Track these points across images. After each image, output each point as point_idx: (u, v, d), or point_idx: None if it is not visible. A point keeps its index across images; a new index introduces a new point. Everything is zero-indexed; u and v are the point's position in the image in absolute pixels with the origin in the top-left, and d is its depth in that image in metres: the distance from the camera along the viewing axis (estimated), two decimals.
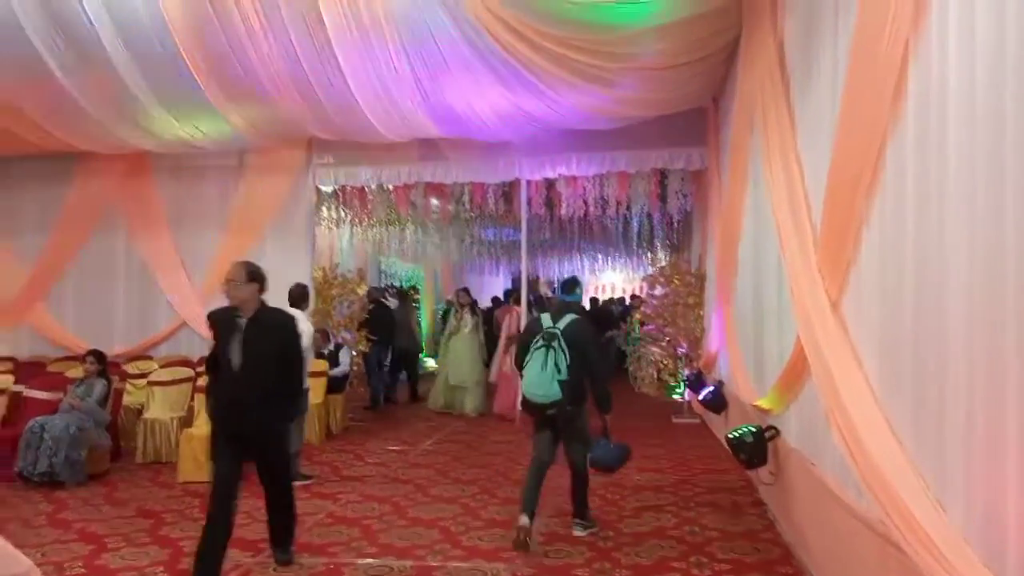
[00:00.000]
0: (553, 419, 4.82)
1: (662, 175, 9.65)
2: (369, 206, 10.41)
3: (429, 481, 6.70)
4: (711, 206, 8.53)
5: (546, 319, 4.97)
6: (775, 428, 4.76)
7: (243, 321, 4.27)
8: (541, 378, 4.73)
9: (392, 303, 17.78)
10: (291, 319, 4.57)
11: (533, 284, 24.57)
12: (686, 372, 9.60)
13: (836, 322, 3.31)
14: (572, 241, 15.14)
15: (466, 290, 10.94)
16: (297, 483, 6.51)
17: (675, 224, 10.84)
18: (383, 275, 17.27)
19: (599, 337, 4.97)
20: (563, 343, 4.74)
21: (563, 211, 9.80)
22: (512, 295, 10.68)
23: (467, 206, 10.11)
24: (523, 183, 9.68)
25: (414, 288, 18.63)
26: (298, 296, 7.22)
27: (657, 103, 7.82)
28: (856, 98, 2.96)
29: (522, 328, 9.77)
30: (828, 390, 3.23)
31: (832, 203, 3.30)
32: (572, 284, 5.35)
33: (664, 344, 10.07)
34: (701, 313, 9.54)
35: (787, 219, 4.06)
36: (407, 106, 8.03)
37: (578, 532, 4.93)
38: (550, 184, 9.77)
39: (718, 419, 7.97)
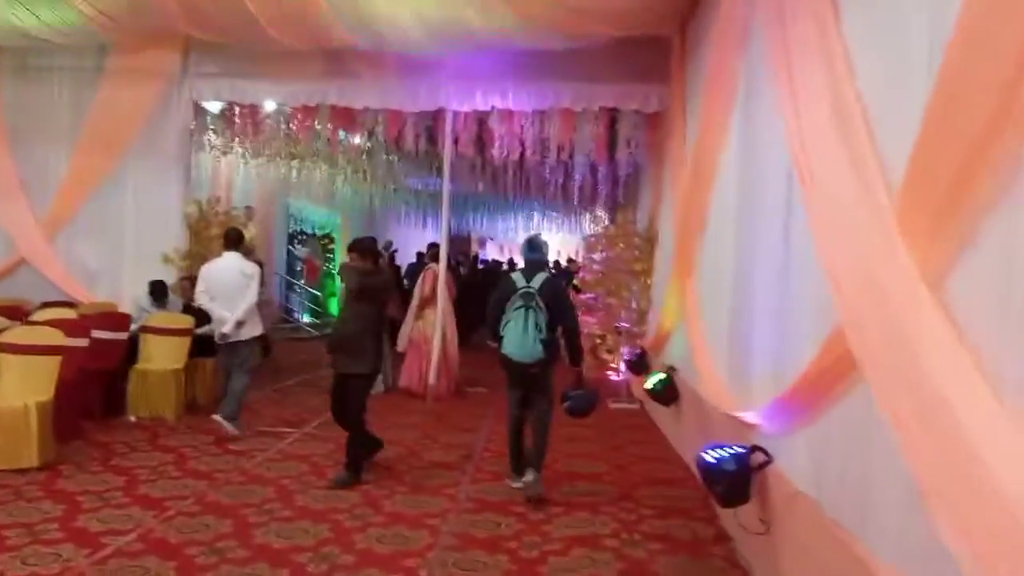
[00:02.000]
0: (531, 377, 5.00)
1: (612, 121, 8.19)
2: (263, 131, 8.60)
3: (299, 483, 5.16)
4: (670, 155, 7.11)
5: (518, 278, 5.02)
6: (763, 451, 3.40)
7: None
8: (524, 339, 4.87)
9: (301, 252, 16.00)
10: None
11: (462, 242, 22.95)
12: (626, 351, 8.28)
13: (939, 313, 1.90)
14: (505, 194, 13.53)
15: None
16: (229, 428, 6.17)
17: (622, 179, 9.41)
18: (292, 219, 15.39)
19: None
20: (539, 302, 4.86)
21: (495, 153, 8.23)
22: (431, 252, 9.09)
23: (381, 139, 8.43)
24: (449, 114, 8.05)
25: (328, 237, 16.80)
26: (235, 239, 6.72)
27: (616, 15, 6.27)
28: None
29: (438, 290, 8.29)
30: (917, 426, 1.84)
31: (943, 107, 1.87)
32: (538, 242, 5.26)
33: (602, 316, 8.71)
34: (649, 282, 8.20)
35: (826, 146, 2.63)
36: None
37: (528, 477, 4.93)
38: (481, 120, 8.18)
39: (664, 409, 6.66)
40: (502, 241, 23.32)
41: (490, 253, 22.84)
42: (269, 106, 8.31)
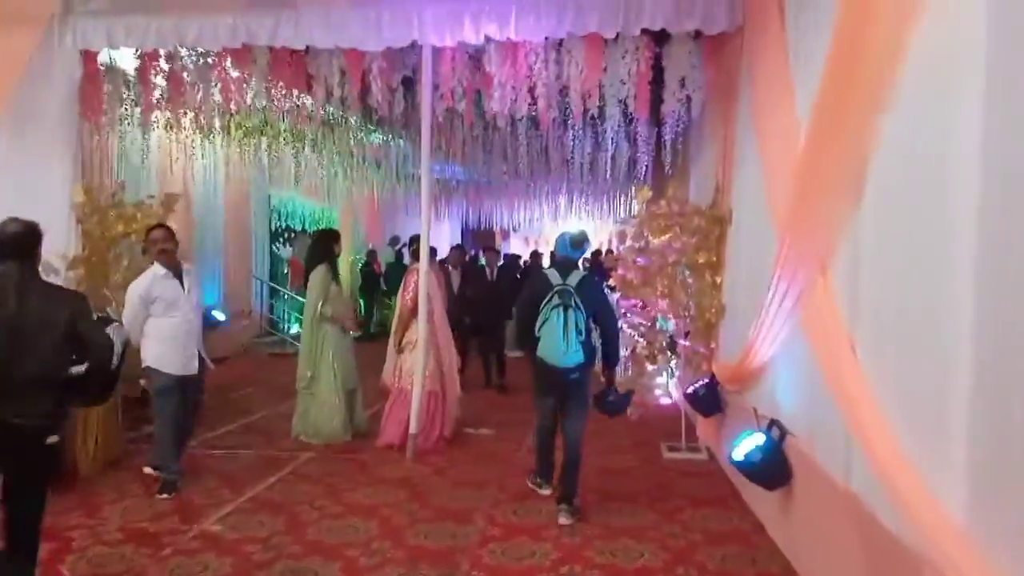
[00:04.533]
0: (568, 384, 4.63)
1: (657, 56, 5.74)
2: (184, 88, 6.33)
3: None
4: (758, 90, 4.69)
5: (553, 276, 4.66)
6: None
7: None
8: (565, 341, 4.51)
9: (285, 253, 13.76)
10: None
11: (480, 236, 20.54)
12: (677, 378, 5.91)
13: None
14: (519, 176, 11.15)
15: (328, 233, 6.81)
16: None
17: (670, 140, 6.88)
18: (275, 214, 13.16)
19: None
20: (578, 301, 4.52)
21: (495, 107, 5.86)
22: (412, 248, 6.75)
23: (339, 95, 6.08)
24: (427, 53, 5.72)
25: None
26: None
27: None
28: None
29: (419, 298, 6.02)
30: None
31: None
32: (580, 239, 4.80)
33: (648, 326, 6.34)
34: (719, 280, 5.80)
35: None
36: None
37: (564, 520, 4.42)
38: (474, 59, 5.84)
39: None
40: (526, 233, 21.11)
41: (512, 247, 20.47)
42: (183, 53, 6.04)
